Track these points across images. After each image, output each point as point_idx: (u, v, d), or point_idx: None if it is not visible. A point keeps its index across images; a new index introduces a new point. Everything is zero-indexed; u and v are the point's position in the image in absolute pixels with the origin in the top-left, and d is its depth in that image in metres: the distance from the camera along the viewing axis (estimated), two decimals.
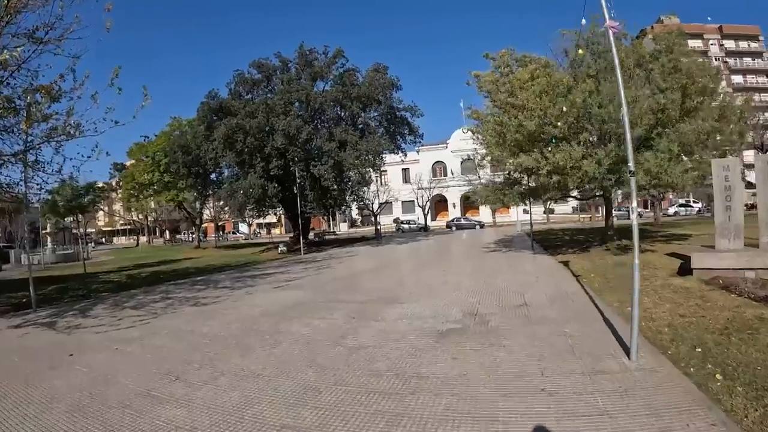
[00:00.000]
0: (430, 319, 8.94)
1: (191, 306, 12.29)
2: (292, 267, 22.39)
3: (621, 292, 9.74)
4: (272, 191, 33.27)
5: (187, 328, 9.53)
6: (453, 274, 15.36)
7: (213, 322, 9.83)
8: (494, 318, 8.65)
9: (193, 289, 15.81)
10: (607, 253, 18.05)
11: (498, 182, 23.48)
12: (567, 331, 7.27)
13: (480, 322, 8.47)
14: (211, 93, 35.75)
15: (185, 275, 21.68)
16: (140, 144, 51.49)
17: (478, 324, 8.31)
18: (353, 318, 9.39)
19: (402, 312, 9.72)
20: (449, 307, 9.91)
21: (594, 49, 16.43)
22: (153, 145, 48.79)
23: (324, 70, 35.83)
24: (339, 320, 9.28)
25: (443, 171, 76.01)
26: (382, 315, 9.53)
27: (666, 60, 16.22)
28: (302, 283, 15.74)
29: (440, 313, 9.42)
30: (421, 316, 9.20)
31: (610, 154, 15.34)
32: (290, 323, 9.28)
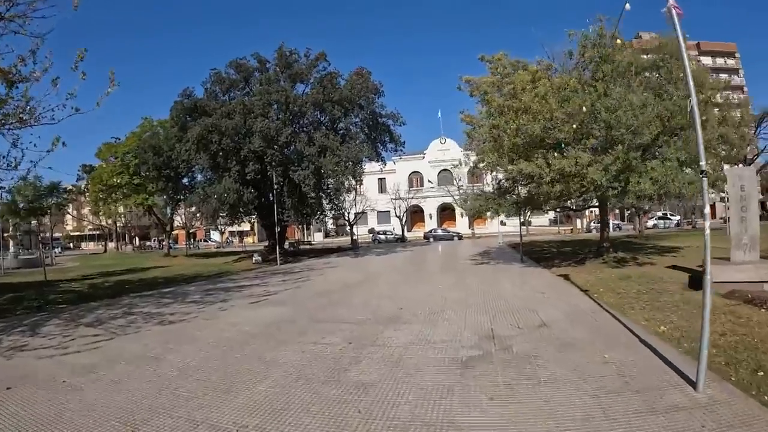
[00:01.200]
0: (441, 343, 7.63)
1: (157, 324, 10.58)
2: (269, 279, 20.72)
3: (641, 308, 9.33)
4: (248, 197, 31.51)
5: (151, 353, 7.87)
6: (450, 289, 13.99)
7: (182, 347, 8.20)
8: (516, 342, 7.47)
9: (160, 303, 14.08)
10: (605, 266, 17.44)
11: (488, 192, 22.47)
12: (607, 357, 6.31)
13: (502, 347, 7.23)
14: (185, 92, 33.75)
15: (152, 286, 19.89)
16: (109, 144, 48.79)
17: (501, 350, 7.07)
18: (350, 343, 7.89)
19: (406, 335, 8.33)
20: (460, 329, 8.63)
21: (602, 51, 15.51)
22: (122, 146, 46.21)
23: (304, 72, 34.35)
24: (334, 345, 7.78)
25: (420, 181, 75.49)
26: (384, 339, 8.11)
27: (673, 66, 15.51)
28: (282, 298, 14.09)
29: (452, 335, 8.13)
30: (430, 340, 7.85)
31: (617, 161, 14.38)
32: (276, 349, 7.72)
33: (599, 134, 14.58)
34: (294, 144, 31.88)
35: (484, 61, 19.28)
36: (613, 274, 15.15)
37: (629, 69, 15.54)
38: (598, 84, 14.79)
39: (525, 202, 19.52)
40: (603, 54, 15.37)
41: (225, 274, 24.62)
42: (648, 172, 14.59)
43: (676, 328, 7.51)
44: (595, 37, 15.85)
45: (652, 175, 14.20)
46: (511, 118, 16.59)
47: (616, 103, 13.77)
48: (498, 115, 17.46)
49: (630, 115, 13.63)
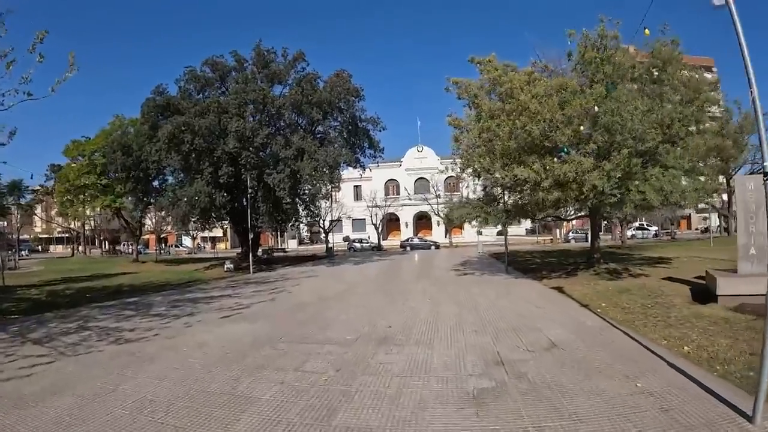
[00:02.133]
0: (444, 370, 6.56)
1: (111, 343, 9.16)
2: (242, 289, 19.26)
3: (653, 325, 8.71)
4: (220, 201, 29.92)
5: (97, 383, 6.49)
6: (440, 304, 12.84)
7: (138, 375, 6.87)
8: (529, 368, 6.49)
9: (120, 316, 12.64)
10: (599, 278, 16.73)
11: (473, 199, 21.58)
12: (640, 385, 5.54)
13: (515, 374, 6.23)
14: (158, 88, 32.00)
15: (115, 295, 18.41)
16: (77, 142, 46.49)
17: (515, 378, 6.07)
18: (338, 370, 6.70)
19: (401, 359, 7.20)
20: (461, 351, 7.57)
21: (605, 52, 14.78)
22: (91, 144, 44.17)
23: (282, 72, 33.07)
24: (318, 374, 6.58)
25: (396, 189, 74.71)
26: (376, 365, 6.96)
27: (674, 71, 14.93)
28: (256, 312, 12.73)
29: (454, 360, 7.06)
30: (430, 367, 6.75)
31: (618, 167, 13.60)
32: (249, 379, 6.44)
33: (601, 138, 13.71)
34: (270, 146, 30.57)
35: (474, 63, 18.37)
36: (609, 286, 14.40)
37: (630, 71, 14.79)
38: (597, 86, 13.96)
39: (517, 210, 18.59)
40: (605, 55, 14.61)
41: (195, 283, 23.16)
42: (649, 181, 13.96)
43: (700, 347, 6.93)
44: (595, 38, 15.11)
45: (657, 183, 13.57)
46: (503, 120, 15.77)
47: (621, 105, 12.96)
48: (489, 118, 16.60)
49: (637, 119, 12.88)
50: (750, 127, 16.81)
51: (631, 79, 14.79)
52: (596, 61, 14.52)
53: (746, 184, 11.43)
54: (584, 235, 56.21)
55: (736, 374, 5.72)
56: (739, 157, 17.71)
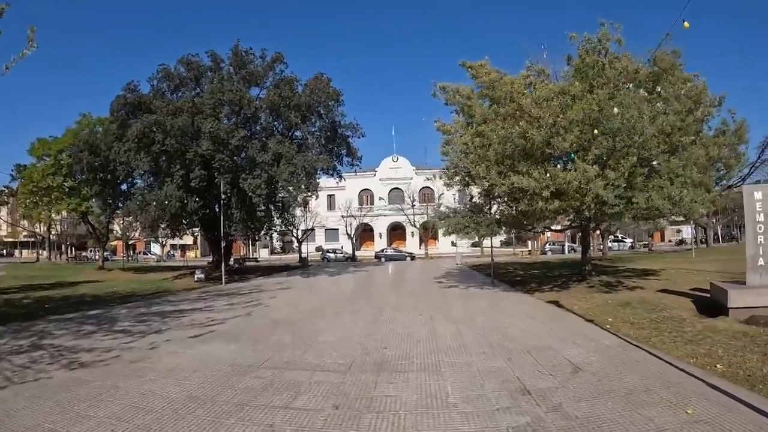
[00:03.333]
0: (464, 404, 5.52)
1: (64, 368, 7.72)
2: (214, 301, 17.86)
3: (671, 341, 8.23)
4: (192, 206, 28.34)
5: (42, 427, 5.10)
6: (434, 320, 11.75)
7: (90, 414, 5.47)
8: (562, 397, 5.63)
9: (79, 332, 11.18)
10: (593, 291, 16.07)
11: (463, 209, 20.72)
12: (690, 413, 4.94)
13: (549, 406, 5.32)
14: (129, 85, 30.21)
15: (78, 306, 16.83)
16: (43, 141, 43.79)
17: (551, 411, 5.19)
18: (336, 408, 5.52)
19: (409, 390, 6.10)
20: (476, 378, 6.54)
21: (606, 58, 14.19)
22: (57, 143, 41.73)
23: (260, 74, 31.83)
24: (314, 412, 5.39)
25: (370, 199, 73.93)
26: (381, 399, 5.82)
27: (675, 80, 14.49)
28: (232, 329, 11.37)
29: (472, 390, 6.03)
30: (446, 399, 5.69)
31: (622, 176, 12.92)
32: (229, 421, 5.15)
33: (606, 144, 12.95)
34: (246, 150, 29.20)
35: (465, 67, 17.59)
36: (607, 300, 13.74)
37: (634, 77, 14.16)
38: (600, 91, 13.23)
39: (510, 221, 17.74)
40: (607, 59, 13.98)
41: (163, 294, 21.57)
42: (654, 190, 13.34)
43: (733, 365, 6.57)
44: (596, 42, 14.47)
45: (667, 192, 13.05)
46: (497, 126, 15.00)
47: (628, 110, 12.25)
48: (482, 123, 15.81)
49: (646, 124, 12.23)
50: (745, 136, 16.45)
51: (634, 85, 14.14)
52: (598, 65, 13.82)
53: (754, 194, 11.16)
54: (560, 247, 56.36)
55: None
56: (736, 167, 17.32)
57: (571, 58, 15.67)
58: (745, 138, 16.67)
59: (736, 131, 16.49)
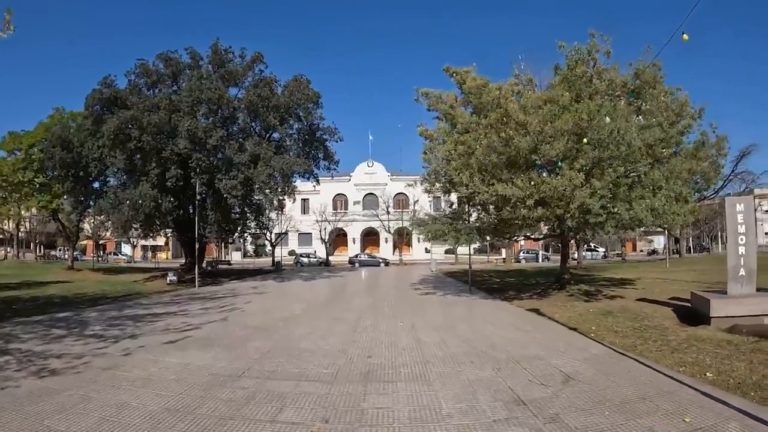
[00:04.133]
0: (460, 416, 5.35)
1: (33, 375, 7.20)
2: (188, 305, 17.35)
3: (657, 350, 8.26)
4: (167, 206, 27.75)
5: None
6: (416, 328, 11.51)
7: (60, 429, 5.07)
8: (557, 407, 5.53)
9: (48, 336, 10.66)
10: (572, 299, 16.15)
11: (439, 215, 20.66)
12: (689, 421, 4.93)
13: (546, 417, 5.19)
14: (106, 80, 29.30)
15: (46, 307, 16.18)
16: (15, 134, 42.08)
17: (550, 422, 5.07)
18: (327, 421, 5.23)
19: (400, 402, 5.88)
20: (468, 389, 6.36)
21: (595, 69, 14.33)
22: (29, 137, 40.23)
23: (239, 73, 31.34)
24: (302, 427, 5.07)
25: (344, 204, 73.66)
26: (372, 411, 5.55)
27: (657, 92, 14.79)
28: (208, 335, 10.89)
29: (465, 401, 5.85)
30: (440, 412, 5.47)
31: (607, 185, 12.99)
32: None
33: (592, 154, 12.97)
34: (223, 150, 28.67)
35: (449, 73, 17.47)
36: (589, 309, 13.75)
37: (621, 89, 14.25)
38: (588, 101, 13.27)
39: (491, 229, 17.65)
40: (595, 70, 14.07)
41: (135, 297, 20.89)
42: (637, 201, 13.46)
43: (722, 373, 6.65)
44: (584, 53, 14.58)
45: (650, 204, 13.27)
46: (480, 134, 14.94)
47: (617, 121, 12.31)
48: (464, 132, 15.76)
49: (634, 135, 12.33)
50: (725, 150, 16.69)
51: (621, 96, 14.23)
52: (587, 76, 13.88)
53: (736, 206, 11.39)
54: (534, 256, 56.81)
55: None
56: (714, 179, 17.58)
57: (559, 67, 15.71)
58: (724, 152, 16.91)
59: (716, 144, 16.71)
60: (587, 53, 14.58)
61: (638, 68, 14.83)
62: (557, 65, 15.87)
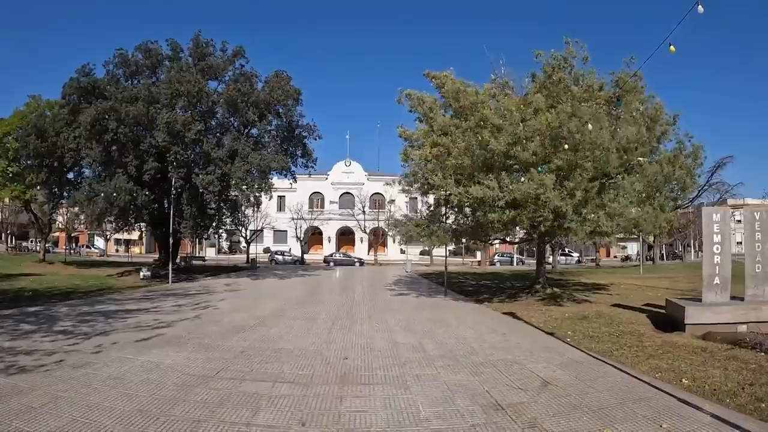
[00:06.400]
0: (437, 420, 5.35)
1: (1, 373, 6.93)
2: (161, 302, 17.00)
3: (634, 356, 8.38)
4: (142, 200, 27.19)
5: None
6: (391, 330, 11.53)
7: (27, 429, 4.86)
8: (535, 412, 5.56)
9: (16, 332, 10.32)
10: (546, 303, 16.32)
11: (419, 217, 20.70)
12: (666, 427, 5.02)
13: (524, 422, 5.24)
14: (84, 68, 28.65)
15: (14, 302, 15.60)
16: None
17: (528, 427, 5.11)
18: (303, 425, 5.14)
19: (378, 405, 5.83)
20: (445, 393, 6.36)
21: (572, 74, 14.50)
22: (4, 125, 38.73)
23: (220, 67, 30.92)
24: (280, 431, 4.99)
25: (320, 203, 73.28)
26: (349, 415, 5.48)
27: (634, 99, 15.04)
28: (181, 334, 10.62)
29: (443, 406, 5.85)
30: (421, 417, 5.44)
31: (579, 186, 13.11)
32: None
33: (566, 156, 13.09)
34: (201, 144, 28.21)
35: (429, 78, 17.49)
36: (565, 313, 13.90)
37: (596, 94, 14.41)
38: (563, 105, 13.40)
39: (466, 231, 17.71)
40: (572, 76, 14.22)
41: (107, 291, 20.37)
42: (606, 206, 13.63)
43: (697, 379, 6.74)
44: (561, 60, 14.74)
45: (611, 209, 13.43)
46: (457, 137, 15.01)
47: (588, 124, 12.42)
48: (442, 134, 15.80)
49: (606, 138, 12.45)
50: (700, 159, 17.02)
51: (596, 103, 14.37)
52: (564, 82, 14.02)
53: (712, 216, 11.65)
54: (509, 259, 57.29)
55: (749, 406, 5.61)
56: (690, 188, 17.88)
57: (535, 75, 15.85)
58: (700, 161, 17.23)
59: (692, 153, 16.99)
60: (563, 60, 14.73)
61: (620, 77, 15.04)
62: (534, 73, 16.02)
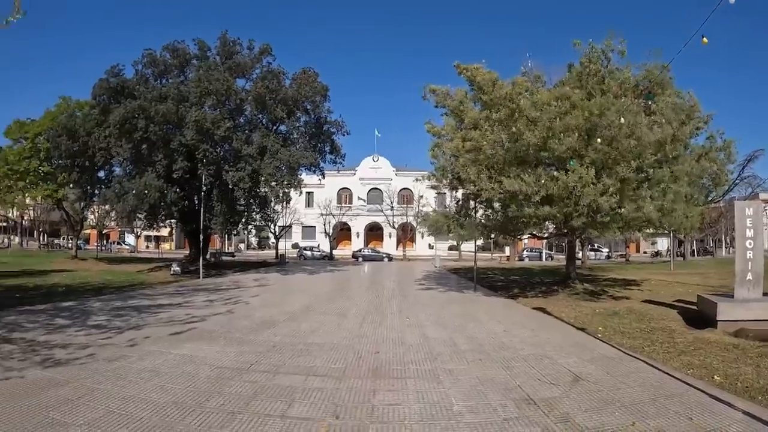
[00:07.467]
0: (470, 414, 5.29)
1: (37, 365, 7.13)
2: (192, 297, 17.27)
3: (665, 352, 8.27)
4: (172, 197, 27.69)
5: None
6: (422, 324, 11.49)
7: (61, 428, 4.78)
8: (567, 407, 5.51)
9: (51, 326, 10.58)
10: (579, 299, 16.10)
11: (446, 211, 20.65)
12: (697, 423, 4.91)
13: (557, 416, 5.18)
14: (113, 69, 29.35)
15: (49, 297, 15.98)
16: (21, 122, 42.00)
17: (560, 421, 5.04)
18: (338, 417, 5.18)
19: (410, 398, 5.83)
20: (477, 387, 6.31)
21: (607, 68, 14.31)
22: (35, 126, 40.10)
23: (247, 65, 31.28)
24: (311, 422, 5.01)
25: (349, 198, 73.54)
26: (383, 408, 5.49)
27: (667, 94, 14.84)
28: (213, 329, 10.75)
29: (475, 399, 5.80)
30: (451, 409, 5.42)
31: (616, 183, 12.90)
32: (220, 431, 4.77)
33: (602, 150, 12.89)
34: (231, 141, 28.60)
35: (459, 70, 17.37)
36: (596, 309, 13.71)
37: (633, 90, 14.14)
38: (600, 98, 13.18)
39: (497, 226, 17.58)
40: (609, 69, 14.01)
41: (139, 287, 20.79)
42: (644, 200, 13.38)
43: (729, 376, 6.61)
44: (599, 52, 14.53)
45: (659, 203, 13.17)
46: (487, 130, 14.90)
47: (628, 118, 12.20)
48: (472, 128, 15.69)
49: (644, 131, 12.23)
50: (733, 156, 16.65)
51: (632, 96, 14.10)
52: (600, 74, 13.80)
53: (745, 210, 11.36)
54: (538, 254, 56.66)
55: None
56: (722, 183, 17.54)
57: (572, 65, 15.63)
58: (733, 158, 16.85)
59: (724, 147, 16.60)
60: (602, 52, 14.49)
61: (649, 69, 14.75)
62: (571, 63, 15.82)
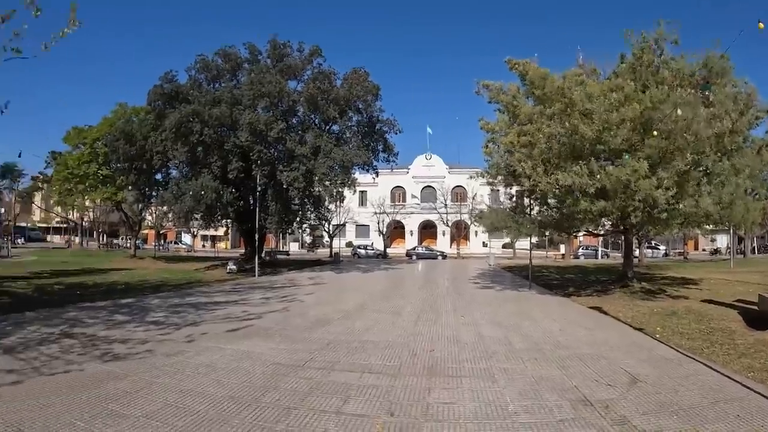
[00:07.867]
0: (526, 414, 5.26)
1: (97, 359, 7.46)
2: (248, 294, 17.72)
3: (724, 353, 7.97)
4: (228, 198, 28.53)
5: None
6: (476, 323, 11.45)
7: (120, 419, 4.93)
8: (624, 409, 5.36)
9: (111, 321, 11.07)
10: (636, 298, 15.62)
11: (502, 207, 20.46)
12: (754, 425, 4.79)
13: (614, 419, 5.05)
14: (167, 75, 30.59)
15: (108, 294, 16.65)
16: (79, 129, 44.43)
17: (617, 424, 4.91)
18: (392, 414, 5.24)
19: (465, 397, 5.82)
20: (535, 387, 6.24)
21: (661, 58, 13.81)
22: (93, 132, 42.22)
23: (298, 67, 31.85)
24: (366, 418, 5.07)
25: (402, 197, 73.54)
26: (438, 406, 5.50)
27: (724, 83, 14.20)
28: (269, 326, 10.97)
29: (531, 399, 5.77)
30: (509, 410, 5.37)
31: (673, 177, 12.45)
32: (277, 427, 4.85)
33: (658, 144, 12.46)
34: (284, 142, 29.20)
35: (510, 65, 17.20)
36: (654, 308, 13.30)
37: (690, 78, 13.60)
38: (655, 90, 12.74)
39: (552, 223, 17.27)
40: (663, 59, 13.51)
41: (195, 285, 21.49)
42: (703, 195, 12.85)
43: None
44: (652, 40, 14.06)
45: (719, 197, 12.68)
46: (542, 124, 14.67)
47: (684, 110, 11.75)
48: (528, 122, 15.49)
49: (702, 125, 11.76)
50: None
51: (688, 87, 13.55)
52: (653, 65, 13.34)
53: None
54: (594, 252, 55.16)
55: None
56: None
57: (624, 56, 15.17)
58: None
59: None
60: (654, 42, 13.99)
61: (707, 58, 14.15)
62: (623, 54, 15.34)
